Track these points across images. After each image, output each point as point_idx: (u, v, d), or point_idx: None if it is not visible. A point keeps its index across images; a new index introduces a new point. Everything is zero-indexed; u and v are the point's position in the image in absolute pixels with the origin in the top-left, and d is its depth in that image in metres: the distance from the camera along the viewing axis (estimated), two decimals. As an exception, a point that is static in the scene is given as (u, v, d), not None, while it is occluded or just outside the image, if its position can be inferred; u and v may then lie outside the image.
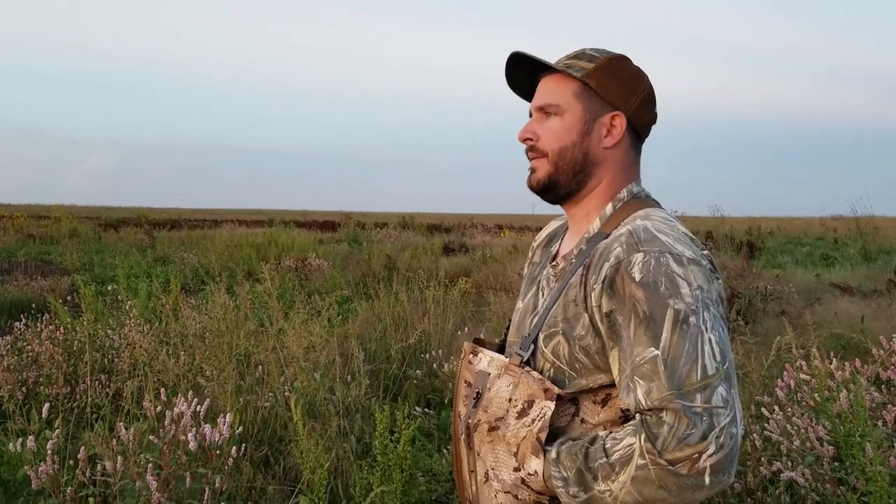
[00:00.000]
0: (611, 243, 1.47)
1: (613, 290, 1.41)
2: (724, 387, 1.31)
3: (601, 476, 1.35)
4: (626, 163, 1.60)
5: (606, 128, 1.57)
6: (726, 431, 1.28)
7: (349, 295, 10.00)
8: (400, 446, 2.68)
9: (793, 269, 13.58)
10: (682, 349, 1.32)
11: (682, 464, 1.28)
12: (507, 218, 61.63)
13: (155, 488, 2.71)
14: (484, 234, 28.41)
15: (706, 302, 1.37)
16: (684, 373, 1.31)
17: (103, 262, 17.27)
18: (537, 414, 1.46)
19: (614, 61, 1.58)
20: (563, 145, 1.57)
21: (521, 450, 1.47)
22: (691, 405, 1.29)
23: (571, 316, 1.49)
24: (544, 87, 1.61)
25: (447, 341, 6.47)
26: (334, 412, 4.23)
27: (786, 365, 3.50)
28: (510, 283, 10.45)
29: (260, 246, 17.80)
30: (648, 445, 1.30)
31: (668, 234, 1.44)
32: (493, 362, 1.59)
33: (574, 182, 1.59)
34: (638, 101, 1.58)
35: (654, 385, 1.33)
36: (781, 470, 2.84)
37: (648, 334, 1.35)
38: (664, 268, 1.38)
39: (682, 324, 1.34)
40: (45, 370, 5.11)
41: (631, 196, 1.59)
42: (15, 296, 10.57)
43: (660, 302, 1.35)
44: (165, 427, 3.12)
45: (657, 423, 1.31)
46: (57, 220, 29.46)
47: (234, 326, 5.59)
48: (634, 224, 1.48)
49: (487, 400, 1.55)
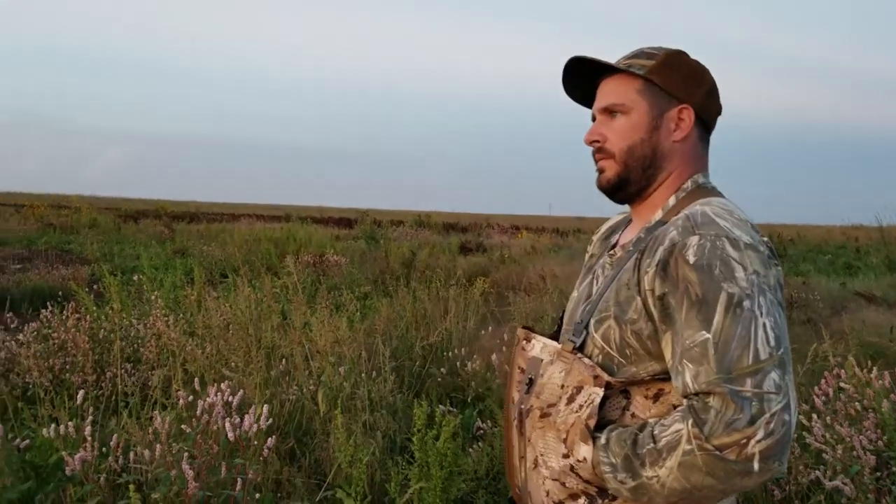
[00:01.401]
0: (667, 228, 1.46)
1: (667, 272, 1.39)
2: (776, 372, 1.28)
3: (649, 462, 1.33)
4: (694, 155, 1.60)
5: (674, 121, 1.57)
6: (777, 417, 1.25)
7: (368, 291, 10.03)
8: (440, 442, 2.67)
9: (816, 277, 13.49)
10: (735, 333, 1.30)
11: (729, 449, 1.25)
12: (524, 219, 61.60)
13: (191, 477, 2.72)
14: (501, 234, 28.42)
15: (762, 287, 1.34)
16: (735, 357, 1.29)
17: (123, 252, 17.37)
18: (585, 400, 1.46)
19: (674, 56, 1.58)
20: (632, 143, 1.57)
21: (570, 436, 1.46)
22: (740, 390, 1.26)
23: (623, 300, 1.48)
24: (606, 88, 1.61)
25: (469, 340, 6.47)
26: (360, 407, 4.23)
27: (824, 373, 3.47)
28: (530, 283, 10.44)
29: (278, 241, 17.86)
30: (695, 430, 1.28)
31: (727, 218, 1.42)
32: (545, 348, 1.59)
33: (644, 178, 1.58)
34: (703, 92, 1.58)
35: (703, 369, 1.31)
36: (821, 479, 2.81)
37: (700, 317, 1.33)
38: (719, 251, 1.36)
39: (735, 307, 1.31)
40: (71, 358, 5.14)
41: (696, 186, 1.58)
42: (37, 283, 10.65)
43: (713, 285, 1.33)
44: (198, 416, 3.12)
45: (704, 409, 1.29)
46: (77, 210, 29.64)
47: (259, 319, 5.61)
48: (692, 209, 1.47)
49: (540, 386, 1.55)
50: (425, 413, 2.75)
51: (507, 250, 17.67)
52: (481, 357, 5.58)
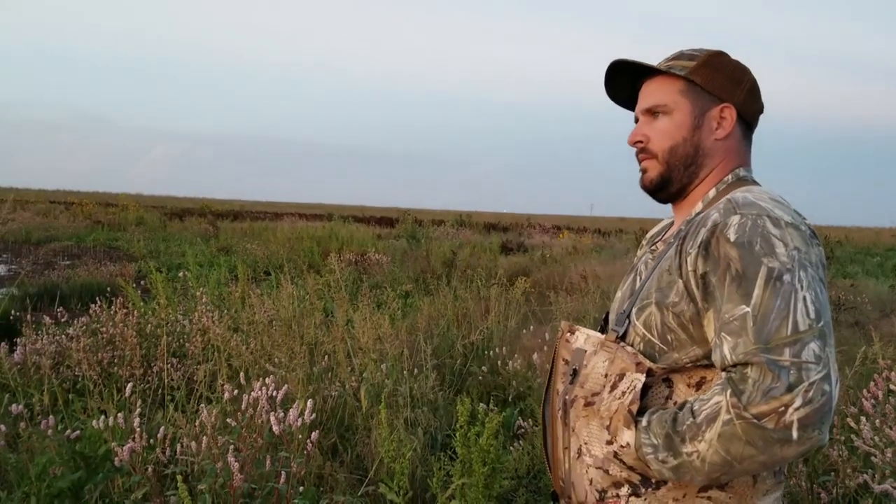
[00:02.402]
0: (709, 212, 1.49)
1: (709, 251, 1.41)
2: (817, 343, 1.28)
3: (689, 437, 1.34)
4: (737, 151, 1.62)
5: (717, 120, 1.59)
6: (817, 387, 1.25)
7: (410, 290, 10.06)
8: (483, 439, 2.68)
9: (864, 279, 13.27)
10: (774, 305, 1.31)
11: (768, 418, 1.25)
12: (565, 219, 61.38)
13: (236, 469, 2.75)
14: (542, 234, 28.35)
15: (803, 262, 1.35)
16: (773, 328, 1.30)
17: (169, 249, 17.63)
18: (627, 386, 1.47)
19: (715, 56, 1.61)
20: (674, 143, 1.60)
21: (613, 422, 1.47)
22: (777, 359, 1.27)
23: (665, 285, 1.50)
24: (648, 89, 1.65)
25: (510, 339, 6.47)
26: (402, 404, 4.25)
27: (874, 376, 3.42)
28: (572, 283, 10.40)
29: (320, 239, 18.00)
30: (734, 400, 1.29)
31: (768, 201, 1.44)
32: (589, 339, 1.62)
33: (686, 175, 1.61)
34: (744, 91, 1.60)
35: (741, 340, 1.32)
36: (869, 482, 2.77)
37: (741, 292, 1.34)
38: (760, 228, 1.37)
39: (775, 281, 1.33)
40: (119, 351, 5.24)
41: (736, 178, 1.60)
42: (86, 280, 10.87)
43: (753, 260, 1.35)
44: (243, 410, 3.16)
45: (742, 379, 1.29)
46: (124, 208, 30.16)
47: (302, 315, 5.66)
48: (734, 194, 1.49)
49: (584, 376, 1.57)
50: (468, 410, 2.76)
51: (549, 250, 17.62)
52: (522, 356, 5.58)
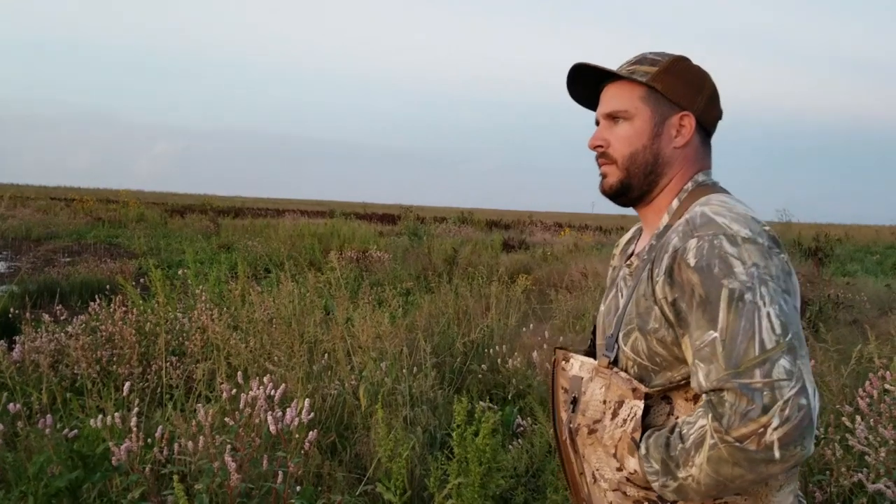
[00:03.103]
0: (670, 235, 1.49)
1: (673, 278, 1.42)
2: (786, 359, 1.29)
3: (681, 462, 1.36)
4: (695, 159, 1.62)
5: (676, 128, 1.59)
6: (792, 403, 1.26)
7: (411, 287, 10.06)
8: (479, 438, 2.68)
9: (863, 277, 13.27)
10: (739, 327, 1.32)
11: (749, 440, 1.27)
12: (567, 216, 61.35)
13: (233, 469, 2.76)
14: (543, 231, 28.34)
15: (763, 277, 1.35)
16: (741, 350, 1.31)
17: (169, 246, 17.63)
18: (628, 414, 1.48)
19: (676, 63, 1.60)
20: (634, 150, 1.60)
21: (619, 451, 1.49)
22: (749, 382, 1.28)
23: (644, 311, 1.50)
24: (610, 93, 1.64)
25: (510, 337, 6.47)
26: (401, 402, 4.25)
27: (870, 375, 3.42)
28: (572, 281, 10.41)
29: (322, 236, 18.01)
30: (716, 424, 1.30)
31: (725, 215, 1.43)
32: (583, 366, 1.63)
33: (646, 183, 1.61)
34: (704, 99, 1.60)
35: (713, 367, 1.33)
36: (864, 482, 2.78)
37: (707, 317, 1.36)
38: (717, 249, 1.38)
39: (737, 302, 1.33)
40: (118, 350, 5.24)
41: (696, 185, 1.60)
42: (85, 277, 10.87)
43: (714, 283, 1.36)
44: (241, 409, 3.17)
45: (720, 403, 1.31)
46: (125, 205, 30.19)
47: (301, 314, 5.66)
48: (692, 211, 1.49)
49: (584, 403, 1.58)
50: (465, 409, 2.77)
51: (550, 248, 17.61)
52: (522, 354, 5.59)
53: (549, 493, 3.35)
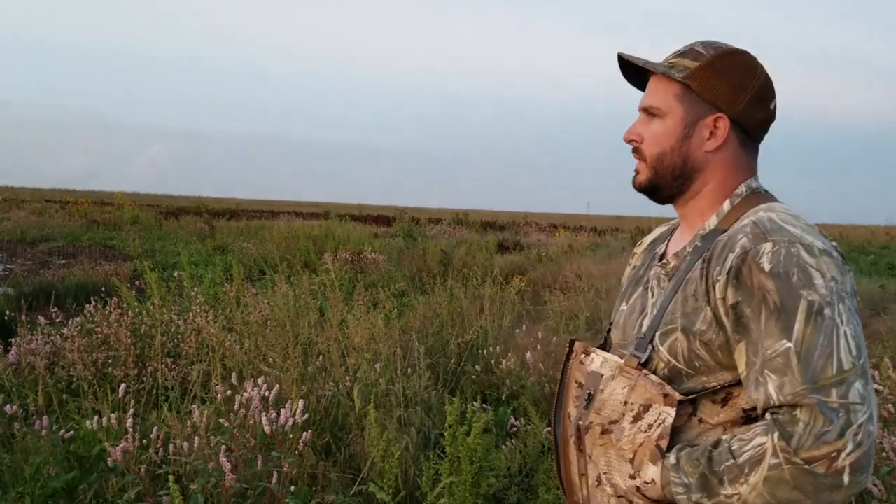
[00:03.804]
0: (734, 234, 1.41)
1: (740, 280, 1.34)
2: (860, 382, 1.25)
3: (728, 479, 1.28)
4: (735, 163, 1.53)
5: (709, 130, 1.51)
6: (864, 429, 1.22)
7: (405, 289, 10.09)
8: (471, 438, 2.71)
9: (858, 277, 13.32)
10: (817, 342, 1.26)
11: (818, 462, 1.21)
12: (562, 217, 61.38)
13: (228, 469, 2.79)
14: (538, 232, 28.36)
15: (841, 294, 1.30)
16: (819, 367, 1.25)
17: (164, 248, 17.64)
18: (654, 419, 1.41)
19: (722, 58, 1.50)
20: (662, 150, 1.53)
21: (638, 457, 1.42)
22: (827, 400, 1.23)
23: (691, 311, 1.43)
24: (651, 86, 1.57)
25: (504, 338, 6.49)
26: (395, 403, 4.28)
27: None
28: (566, 282, 10.44)
29: (317, 238, 18.01)
30: (783, 444, 1.23)
31: (795, 224, 1.38)
32: (606, 363, 1.53)
33: (675, 186, 1.55)
34: (746, 99, 1.49)
35: (788, 379, 1.26)
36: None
37: (780, 326, 1.29)
38: (795, 258, 1.31)
39: (816, 316, 1.27)
40: (113, 352, 5.27)
41: (750, 191, 1.52)
42: (81, 279, 10.88)
43: (792, 293, 1.29)
44: (235, 410, 3.20)
45: (791, 421, 1.24)
46: (120, 207, 30.16)
47: (296, 315, 5.69)
48: (758, 215, 1.41)
49: (600, 402, 1.50)
50: (457, 409, 2.79)
51: (545, 249, 17.62)
52: (516, 355, 5.61)
53: (541, 492, 3.37)
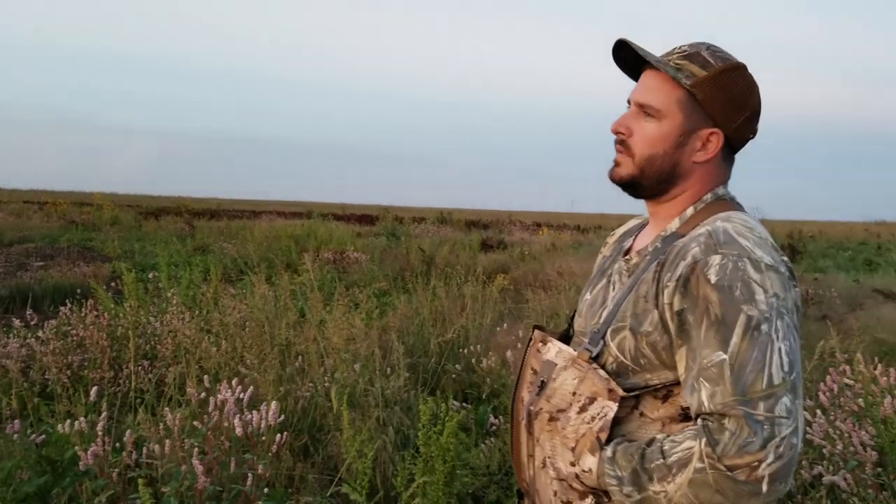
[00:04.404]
0: (688, 242, 1.45)
1: (687, 289, 1.39)
2: (788, 397, 1.30)
3: (657, 477, 1.35)
4: (716, 174, 1.57)
5: (702, 142, 1.52)
6: (786, 441, 1.28)
7: (387, 288, 10.06)
8: (443, 437, 2.70)
9: (835, 273, 13.42)
10: (751, 356, 1.32)
11: (740, 470, 1.28)
12: (545, 215, 61.52)
13: (201, 472, 2.76)
14: (522, 231, 28.41)
15: (780, 310, 1.35)
16: (749, 380, 1.31)
17: (144, 249, 17.50)
18: (598, 412, 1.47)
19: (728, 73, 1.50)
20: (654, 153, 1.53)
21: (580, 446, 1.47)
22: (753, 413, 1.29)
23: (640, 311, 1.48)
24: (648, 82, 1.55)
25: (485, 337, 6.49)
26: (374, 404, 4.26)
27: (829, 369, 3.48)
28: (549, 280, 10.44)
29: (299, 238, 17.93)
30: (708, 450, 1.30)
31: (748, 237, 1.41)
32: (560, 353, 1.58)
33: (657, 188, 1.56)
34: (742, 118, 1.52)
35: (719, 389, 1.32)
36: (823, 474, 2.83)
37: (718, 338, 1.34)
38: (741, 272, 1.36)
39: (753, 330, 1.33)
40: (89, 354, 5.22)
41: (715, 198, 1.56)
42: (58, 281, 10.78)
43: (733, 306, 1.34)
44: (210, 413, 3.17)
45: (719, 429, 1.31)
46: (99, 208, 29.94)
47: (275, 316, 5.66)
48: (714, 225, 1.45)
49: (552, 390, 1.55)
50: (431, 409, 2.79)
51: (528, 247, 17.65)
52: (497, 354, 5.61)
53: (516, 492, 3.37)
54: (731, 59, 1.53)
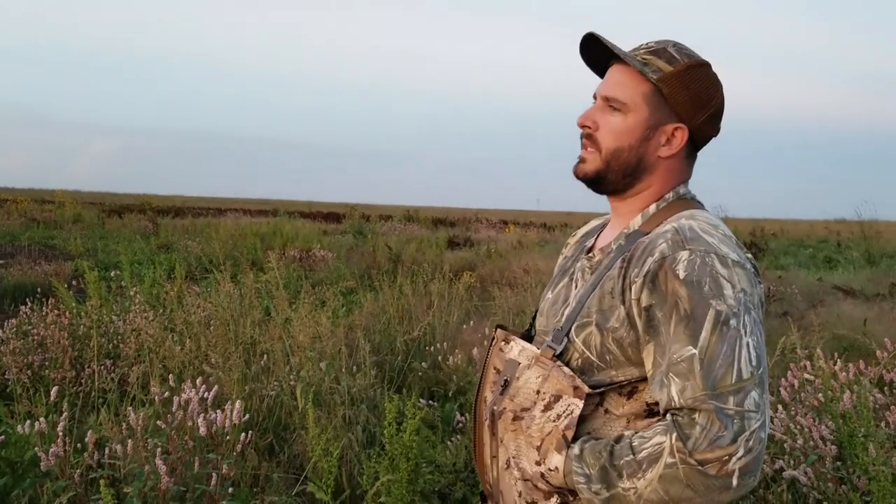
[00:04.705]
0: (655, 239, 1.46)
1: (655, 285, 1.40)
2: (756, 391, 1.32)
3: (627, 473, 1.35)
4: (678, 170, 1.59)
5: (667, 137, 1.54)
6: (755, 435, 1.29)
7: (354, 286, 10.03)
8: (406, 436, 2.70)
9: (796, 270, 13.61)
10: (720, 351, 1.33)
11: (711, 465, 1.28)
12: (512, 213, 61.67)
13: (164, 472, 2.74)
14: (489, 228, 28.44)
15: (748, 305, 1.37)
16: (719, 374, 1.31)
17: (107, 248, 17.28)
18: (563, 410, 1.46)
19: (693, 69, 1.52)
20: (620, 146, 1.54)
21: (545, 445, 1.47)
22: (724, 407, 1.30)
23: (607, 308, 1.48)
24: (615, 76, 1.57)
25: (452, 335, 6.49)
26: (340, 402, 4.25)
27: (790, 365, 3.53)
28: (515, 278, 10.48)
29: (264, 235, 17.82)
30: (679, 444, 1.31)
31: (714, 234, 1.43)
32: (523, 352, 1.58)
33: (622, 183, 1.57)
34: (706, 115, 1.54)
35: (690, 384, 1.33)
36: (784, 468, 2.87)
37: (688, 333, 1.35)
38: (709, 268, 1.37)
39: (722, 325, 1.34)
40: (50, 354, 5.15)
41: (677, 197, 1.58)
42: (19, 280, 10.61)
43: (702, 301, 1.35)
44: (173, 412, 3.15)
45: (689, 424, 1.31)
46: (61, 205, 29.54)
47: (240, 315, 5.62)
48: (680, 222, 1.47)
49: (515, 389, 1.54)
50: (396, 407, 2.78)
51: (494, 245, 17.68)
52: (463, 351, 5.62)
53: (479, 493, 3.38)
54: (697, 56, 1.55)
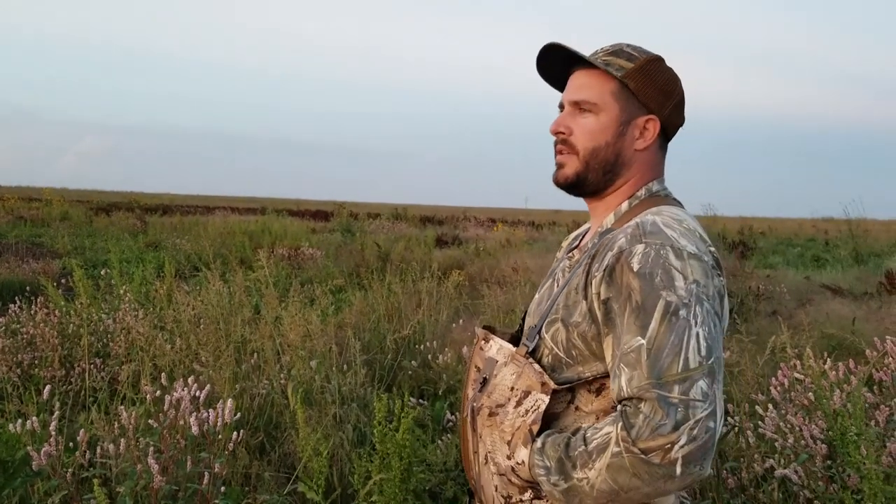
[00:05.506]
0: (617, 234, 1.49)
1: (612, 278, 1.42)
2: (705, 381, 1.32)
3: (579, 464, 1.37)
4: (653, 163, 1.62)
5: (640, 130, 1.58)
6: (701, 424, 1.29)
7: (343, 285, 10.02)
8: (399, 434, 2.71)
9: (784, 269, 13.68)
10: (668, 340, 1.34)
11: (654, 453, 1.29)
12: (500, 211, 61.71)
13: (156, 471, 2.73)
14: (477, 227, 28.46)
15: (700, 297, 1.37)
16: (665, 364, 1.33)
17: (95, 246, 17.23)
18: (531, 405, 1.49)
19: (652, 63, 1.58)
20: (597, 145, 1.58)
21: (514, 439, 1.50)
22: (668, 396, 1.31)
23: (571, 303, 1.51)
24: (580, 81, 1.61)
25: (441, 333, 6.50)
26: (331, 401, 4.25)
27: (780, 364, 3.56)
28: (504, 276, 10.49)
29: (253, 233, 17.80)
30: (624, 433, 1.32)
31: (675, 228, 1.45)
32: (501, 350, 1.62)
33: (603, 181, 1.60)
34: (672, 105, 1.59)
35: (636, 373, 1.34)
36: (775, 467, 2.89)
37: (638, 323, 1.37)
38: (662, 260, 1.39)
39: (671, 316, 1.35)
40: (40, 352, 5.13)
41: (649, 194, 1.60)
42: (6, 278, 10.57)
43: (653, 293, 1.37)
44: (165, 411, 3.14)
45: (634, 413, 1.33)
46: (48, 203, 29.39)
47: (230, 313, 5.61)
48: (643, 218, 1.49)
49: (492, 386, 1.58)
50: (386, 406, 2.79)
51: (483, 243, 17.69)
52: (453, 349, 5.62)
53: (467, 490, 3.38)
54: (651, 52, 1.61)
